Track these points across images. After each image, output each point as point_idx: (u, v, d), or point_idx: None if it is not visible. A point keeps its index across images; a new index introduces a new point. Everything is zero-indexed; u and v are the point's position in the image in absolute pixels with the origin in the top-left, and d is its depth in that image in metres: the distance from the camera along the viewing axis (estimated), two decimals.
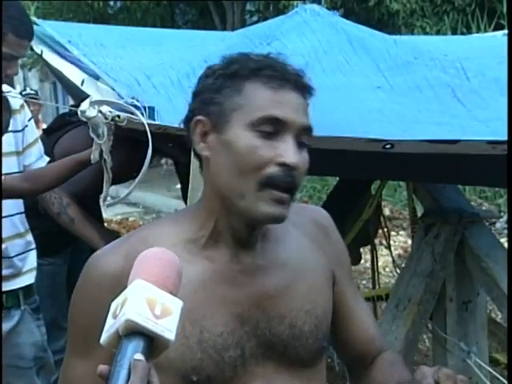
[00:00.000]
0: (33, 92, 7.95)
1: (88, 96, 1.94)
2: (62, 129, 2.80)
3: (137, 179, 1.59)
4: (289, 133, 1.12)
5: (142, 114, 1.60)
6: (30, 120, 2.54)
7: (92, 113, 1.59)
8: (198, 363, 1.13)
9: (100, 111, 1.59)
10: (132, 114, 1.59)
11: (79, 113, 1.62)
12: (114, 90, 1.81)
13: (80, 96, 2.10)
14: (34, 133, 2.55)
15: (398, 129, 1.78)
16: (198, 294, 1.15)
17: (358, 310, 1.35)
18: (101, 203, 1.68)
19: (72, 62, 2.14)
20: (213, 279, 1.16)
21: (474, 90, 2.20)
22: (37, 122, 2.93)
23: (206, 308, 1.15)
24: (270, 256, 1.21)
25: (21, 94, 3.99)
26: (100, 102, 1.61)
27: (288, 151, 1.11)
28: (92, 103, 1.60)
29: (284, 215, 1.13)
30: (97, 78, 1.92)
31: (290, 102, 1.13)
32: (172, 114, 1.66)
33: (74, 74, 2.09)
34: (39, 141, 2.55)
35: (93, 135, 1.62)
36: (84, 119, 1.62)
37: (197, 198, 1.34)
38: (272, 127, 1.12)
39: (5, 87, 2.55)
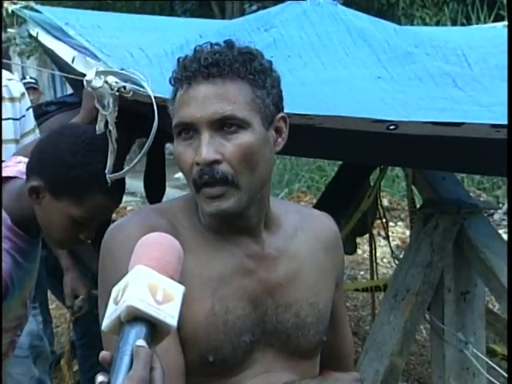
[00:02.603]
0: (33, 80, 7.92)
1: (80, 73, 1.94)
2: (38, 118, 2.78)
3: (142, 151, 1.57)
4: (201, 130, 1.12)
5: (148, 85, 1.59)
6: (28, 109, 2.53)
7: (98, 83, 1.57)
8: (219, 344, 1.15)
9: (106, 81, 1.57)
10: (137, 85, 1.57)
11: (85, 83, 1.60)
12: (106, 64, 1.80)
13: (72, 74, 2.09)
14: (30, 122, 2.54)
15: (400, 115, 1.77)
16: (222, 274, 1.17)
17: (344, 324, 1.43)
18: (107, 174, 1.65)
19: (65, 42, 2.13)
20: (232, 261, 1.19)
21: (475, 79, 2.19)
22: None
23: (228, 289, 1.17)
24: (280, 247, 1.24)
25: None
26: (106, 72, 1.59)
27: (199, 149, 1.11)
28: (98, 73, 1.58)
29: (223, 208, 1.13)
30: (94, 57, 1.90)
31: (196, 98, 1.12)
32: (164, 86, 1.67)
33: (65, 53, 2.09)
34: (36, 131, 2.54)
35: (98, 106, 1.60)
36: (90, 89, 1.60)
37: None
38: (186, 130, 1.14)
39: (7, 74, 2.54)
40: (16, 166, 1.86)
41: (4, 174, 1.80)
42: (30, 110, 2.57)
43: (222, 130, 1.12)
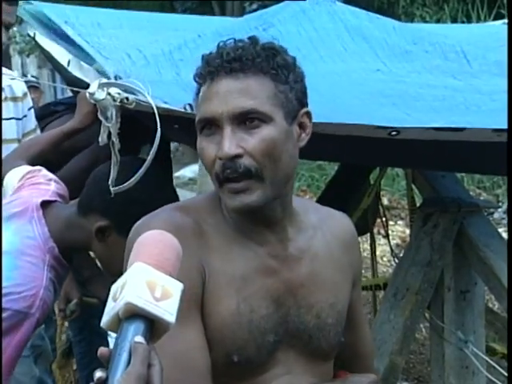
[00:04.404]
0: (33, 79, 7.90)
1: (74, 77, 1.94)
2: (46, 118, 2.78)
3: (145, 164, 1.58)
4: (223, 125, 1.12)
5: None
6: (29, 109, 2.54)
7: (101, 95, 1.58)
8: (244, 344, 1.15)
9: (109, 93, 1.57)
10: (138, 95, 1.58)
11: (88, 95, 1.61)
12: (98, 71, 1.80)
13: (68, 77, 2.09)
14: (32, 123, 2.54)
15: (400, 111, 1.77)
16: (245, 273, 1.17)
17: (363, 324, 1.41)
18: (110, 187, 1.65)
19: (62, 43, 2.14)
20: (255, 260, 1.19)
21: (474, 75, 2.19)
22: None
23: (252, 288, 1.17)
24: (301, 247, 1.24)
25: None
26: (109, 84, 1.60)
27: (221, 144, 1.11)
28: (101, 85, 1.59)
29: (246, 203, 1.13)
30: (90, 63, 1.90)
31: (218, 93, 1.12)
32: (161, 87, 1.67)
33: (61, 56, 2.09)
34: (37, 131, 2.54)
35: (101, 118, 1.61)
36: (93, 101, 1.60)
37: (206, 185, 1.36)
38: (208, 126, 1.14)
39: (9, 73, 2.54)
40: (49, 185, 1.84)
41: (40, 193, 1.79)
42: (32, 110, 2.58)
43: (243, 124, 1.12)
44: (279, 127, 1.13)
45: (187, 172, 10.32)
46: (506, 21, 3.56)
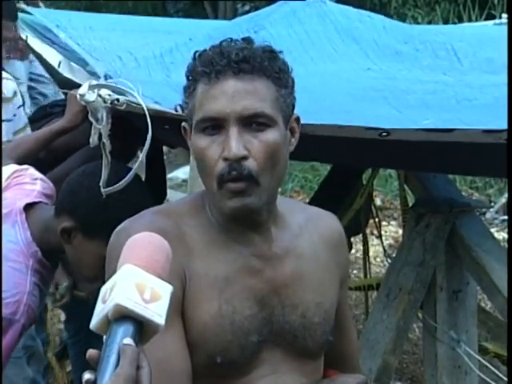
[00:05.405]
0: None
1: (65, 78, 1.94)
2: (42, 120, 2.78)
3: (135, 165, 1.58)
4: (229, 125, 1.11)
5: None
6: (19, 108, 2.53)
7: (91, 97, 1.58)
8: (227, 345, 1.15)
9: (99, 95, 1.57)
10: (130, 96, 1.57)
11: (78, 97, 1.61)
12: (89, 72, 1.81)
13: (59, 78, 2.10)
14: (22, 120, 2.54)
15: (391, 106, 1.78)
16: (228, 274, 1.17)
17: (349, 324, 1.42)
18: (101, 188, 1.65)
19: (53, 46, 2.14)
20: (239, 261, 1.19)
21: (465, 73, 2.21)
22: None
23: (235, 289, 1.17)
24: (286, 246, 1.24)
25: None
26: (99, 86, 1.60)
27: (228, 144, 1.10)
28: (91, 87, 1.59)
29: (247, 204, 1.13)
30: (81, 65, 1.90)
31: (225, 93, 1.11)
32: (151, 88, 1.67)
33: (52, 57, 2.10)
34: (27, 129, 2.54)
35: (91, 119, 1.61)
36: (83, 103, 1.60)
37: (197, 186, 1.36)
38: (212, 125, 1.12)
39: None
40: (34, 185, 1.84)
41: (25, 194, 1.78)
42: (21, 109, 2.57)
43: (249, 126, 1.12)
44: (280, 131, 1.14)
45: (180, 173, 10.30)
46: (496, 21, 3.58)
